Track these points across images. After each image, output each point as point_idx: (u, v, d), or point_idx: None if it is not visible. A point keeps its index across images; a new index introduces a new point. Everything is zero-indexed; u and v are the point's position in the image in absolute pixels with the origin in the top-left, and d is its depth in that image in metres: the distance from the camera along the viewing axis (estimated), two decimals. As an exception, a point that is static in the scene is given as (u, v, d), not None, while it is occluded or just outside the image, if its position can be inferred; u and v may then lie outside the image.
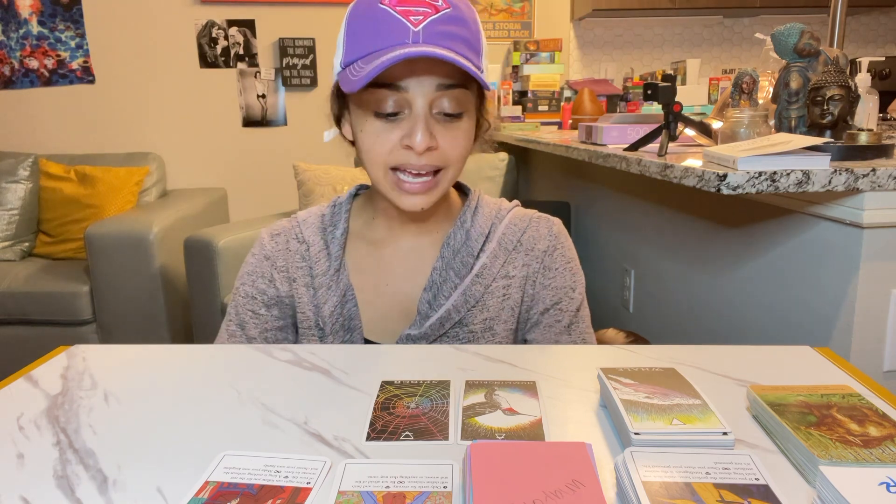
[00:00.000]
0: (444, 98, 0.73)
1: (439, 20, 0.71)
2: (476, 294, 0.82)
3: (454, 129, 0.75)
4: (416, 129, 0.72)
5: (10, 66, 3.05)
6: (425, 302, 0.82)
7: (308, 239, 0.86)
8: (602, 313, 2.08)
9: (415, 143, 0.72)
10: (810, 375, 0.66)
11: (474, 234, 0.84)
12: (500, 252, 0.84)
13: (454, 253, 0.83)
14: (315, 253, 0.85)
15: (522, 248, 0.86)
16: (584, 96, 2.37)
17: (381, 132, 0.74)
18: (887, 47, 3.53)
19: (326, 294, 0.83)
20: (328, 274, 0.83)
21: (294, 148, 3.26)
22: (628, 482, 0.44)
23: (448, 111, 0.73)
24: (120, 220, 2.50)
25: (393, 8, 0.71)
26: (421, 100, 0.72)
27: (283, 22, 3.15)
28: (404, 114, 0.73)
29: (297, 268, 0.85)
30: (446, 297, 0.82)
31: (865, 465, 0.45)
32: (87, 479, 0.50)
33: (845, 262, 1.00)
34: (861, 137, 1.02)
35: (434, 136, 0.73)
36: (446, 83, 0.72)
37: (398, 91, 0.72)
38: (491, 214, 0.87)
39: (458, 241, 0.84)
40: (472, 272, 0.82)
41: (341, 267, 0.84)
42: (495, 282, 0.84)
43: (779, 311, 1.18)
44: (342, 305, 0.83)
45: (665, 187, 1.60)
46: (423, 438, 0.55)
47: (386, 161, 0.75)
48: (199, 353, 0.76)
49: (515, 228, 0.86)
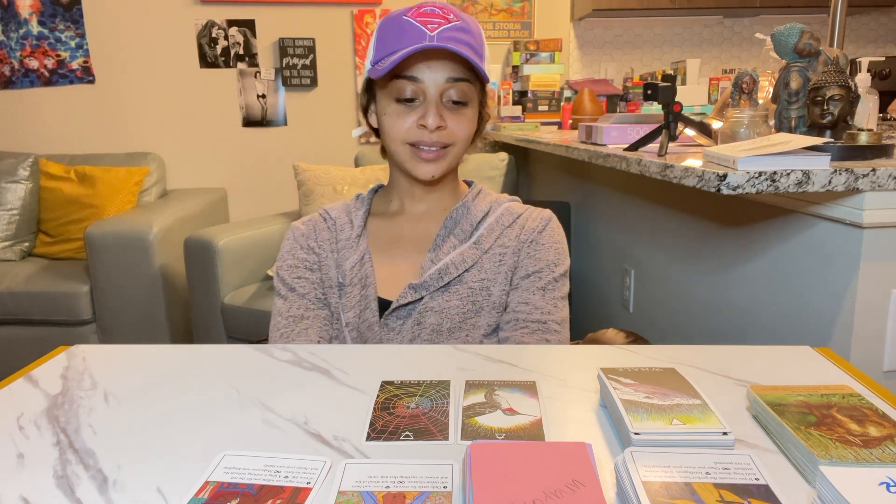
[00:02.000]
0: (452, 88, 0.89)
1: (451, 28, 0.88)
2: (473, 257, 0.94)
3: (460, 114, 0.91)
4: (429, 112, 0.89)
5: (10, 66, 3.05)
6: (429, 259, 0.95)
7: (334, 216, 1.02)
8: (602, 313, 2.08)
9: (428, 122, 0.89)
10: (810, 375, 0.66)
11: (475, 210, 0.99)
12: (496, 227, 0.97)
13: (455, 223, 0.98)
14: (341, 225, 1.00)
15: (517, 226, 0.98)
16: (584, 96, 2.37)
17: (401, 114, 0.91)
18: (887, 47, 3.53)
19: (348, 253, 0.97)
20: (351, 239, 0.98)
21: (294, 148, 3.26)
22: (628, 482, 0.44)
23: (455, 99, 0.90)
24: (120, 220, 2.50)
25: (414, 19, 0.88)
26: (433, 89, 0.89)
27: (283, 22, 3.15)
28: (420, 100, 0.90)
29: (325, 239, 1.00)
30: (445, 255, 0.95)
31: (865, 465, 0.45)
32: (87, 479, 0.50)
33: (845, 262, 1.00)
34: (861, 137, 1.02)
35: (443, 119, 0.90)
36: (455, 76, 0.89)
37: (415, 81, 0.89)
38: (491, 199, 1.01)
39: (459, 214, 0.98)
40: (471, 239, 0.96)
41: (362, 234, 0.99)
42: (492, 249, 0.96)
43: (779, 311, 1.18)
44: (360, 265, 0.96)
45: (665, 187, 1.60)
46: (423, 438, 0.55)
47: (404, 137, 0.91)
48: (199, 353, 0.76)
49: (512, 212, 0.99)
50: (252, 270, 2.41)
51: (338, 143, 3.25)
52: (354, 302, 0.94)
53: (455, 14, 0.90)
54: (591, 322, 2.09)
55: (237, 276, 2.34)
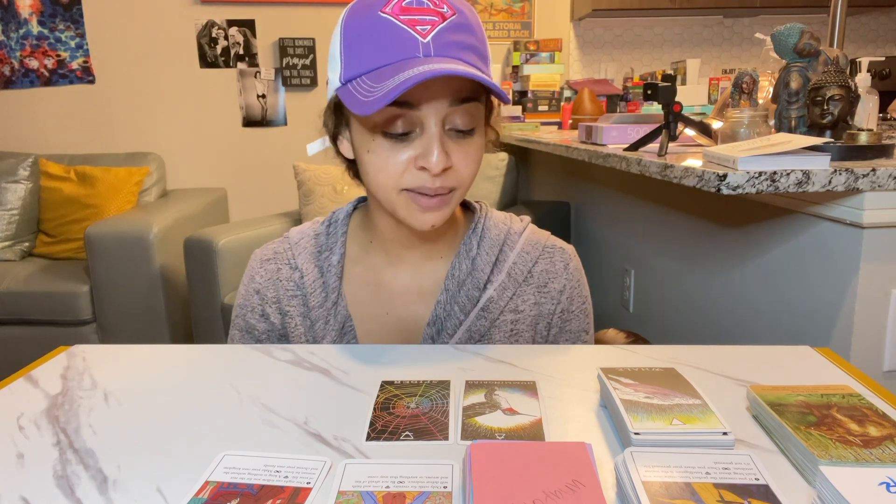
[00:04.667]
0: (456, 114, 0.68)
1: (447, 29, 0.67)
2: (481, 329, 0.78)
3: (467, 145, 0.71)
4: (432, 150, 0.67)
5: (10, 66, 3.05)
6: (428, 338, 0.79)
7: (301, 266, 0.81)
8: (602, 313, 2.08)
9: (430, 164, 0.67)
10: (810, 375, 0.66)
11: (480, 263, 0.79)
12: (508, 284, 0.80)
13: (459, 285, 0.79)
14: (310, 283, 0.80)
15: (534, 282, 0.81)
16: (584, 96, 2.37)
17: (392, 153, 0.69)
18: (887, 47, 3.53)
19: (324, 328, 0.79)
20: (325, 306, 0.79)
21: (294, 148, 3.26)
22: (628, 482, 0.44)
23: (460, 128, 0.69)
24: (120, 220, 2.50)
25: (396, 17, 0.66)
26: (434, 118, 0.67)
27: (283, 22, 3.15)
28: (415, 132, 0.68)
29: (291, 297, 0.81)
30: (450, 335, 0.78)
31: (865, 465, 0.45)
32: (87, 479, 0.50)
33: (845, 262, 1.00)
34: (861, 137, 1.02)
35: (448, 156, 0.69)
36: (459, 97, 0.68)
37: (410, 109, 0.67)
38: (499, 239, 0.81)
39: (462, 272, 0.79)
40: (478, 306, 0.78)
41: (339, 298, 0.79)
42: (502, 315, 0.79)
43: (779, 311, 1.18)
44: (340, 339, 0.79)
45: (665, 187, 1.60)
46: (423, 438, 0.55)
47: (398, 184, 0.70)
48: (199, 353, 0.76)
49: (527, 258, 0.81)
50: (252, 270, 2.41)
51: (338, 143, 3.25)
52: None
53: (448, 4, 0.68)
54: (591, 322, 2.08)
55: (237, 276, 2.34)
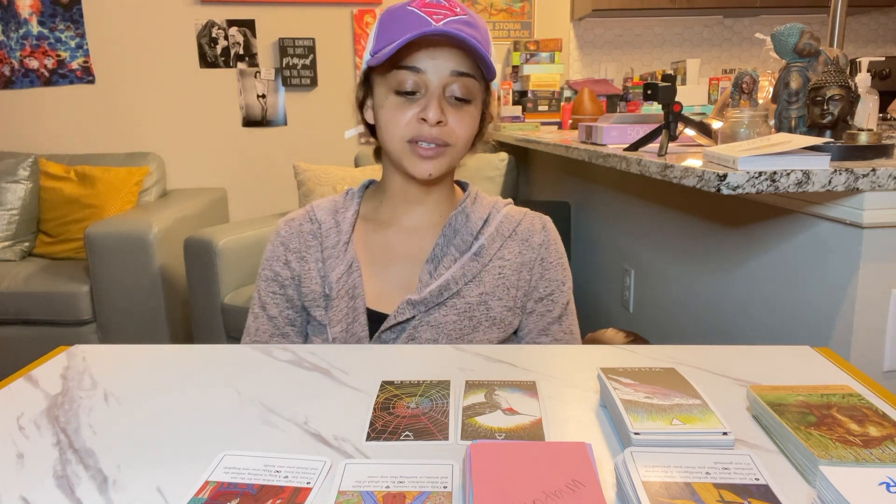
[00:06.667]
0: (456, 83, 0.85)
1: (456, 21, 0.83)
2: (473, 270, 0.90)
3: (462, 111, 0.87)
4: (431, 106, 0.84)
5: (10, 66, 3.05)
6: (427, 272, 0.90)
7: (320, 218, 0.95)
8: (602, 313, 2.08)
9: (428, 116, 0.83)
10: (810, 375, 0.66)
11: (474, 217, 0.94)
12: (497, 237, 0.93)
13: (455, 232, 0.93)
14: (326, 230, 0.94)
15: (518, 237, 0.95)
16: (584, 96, 2.37)
17: (400, 107, 0.85)
18: (887, 47, 3.53)
19: (334, 263, 0.91)
20: (337, 247, 0.92)
21: (294, 148, 3.26)
22: (628, 482, 0.44)
23: (458, 95, 0.85)
24: (120, 220, 2.50)
25: (419, 9, 0.84)
26: (436, 81, 0.84)
27: (283, 22, 3.15)
28: (421, 93, 0.85)
29: (309, 245, 0.94)
30: (446, 269, 0.90)
31: (865, 465, 0.45)
32: (87, 479, 0.50)
33: (845, 262, 1.00)
34: (861, 137, 1.02)
35: (445, 114, 0.85)
36: (459, 70, 0.84)
37: (417, 72, 0.83)
38: (489, 205, 0.97)
39: (458, 222, 0.93)
40: (471, 250, 0.91)
41: (349, 241, 0.93)
42: (492, 262, 0.92)
43: (779, 311, 1.18)
44: (348, 275, 0.90)
45: (665, 187, 1.60)
46: (423, 438, 0.55)
47: (403, 133, 0.86)
48: (199, 353, 0.76)
49: (511, 219, 0.96)
50: (252, 270, 2.41)
51: (338, 142, 3.25)
52: (342, 315, 0.89)
53: (462, 7, 0.86)
54: (591, 322, 2.09)
55: (237, 276, 2.34)
